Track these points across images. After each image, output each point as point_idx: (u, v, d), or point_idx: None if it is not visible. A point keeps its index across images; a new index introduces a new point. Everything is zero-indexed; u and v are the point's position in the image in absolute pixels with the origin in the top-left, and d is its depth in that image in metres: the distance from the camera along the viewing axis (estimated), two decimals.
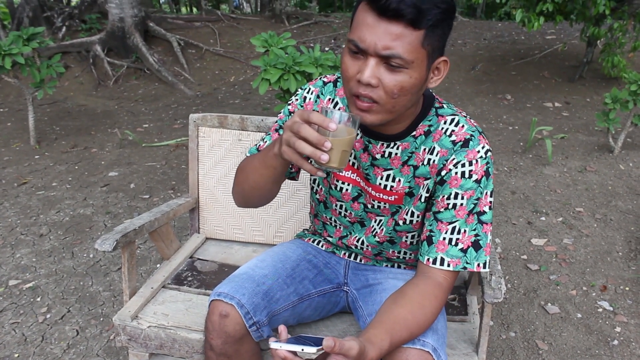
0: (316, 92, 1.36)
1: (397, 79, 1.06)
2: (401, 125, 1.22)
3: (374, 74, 1.06)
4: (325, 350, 0.94)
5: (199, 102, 6.52)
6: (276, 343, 0.98)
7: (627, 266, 2.76)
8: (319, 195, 1.46)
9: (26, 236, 3.12)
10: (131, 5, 7.62)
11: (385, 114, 1.11)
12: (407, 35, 1.02)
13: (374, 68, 1.05)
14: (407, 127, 1.23)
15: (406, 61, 1.04)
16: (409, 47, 1.03)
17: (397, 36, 1.02)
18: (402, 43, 1.03)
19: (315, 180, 1.44)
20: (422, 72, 1.08)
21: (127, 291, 1.65)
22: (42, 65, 4.43)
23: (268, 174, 1.21)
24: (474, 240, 1.18)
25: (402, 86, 1.07)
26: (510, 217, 3.28)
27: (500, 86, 6.38)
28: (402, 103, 1.10)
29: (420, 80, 1.09)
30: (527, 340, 2.25)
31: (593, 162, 4.08)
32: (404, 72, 1.06)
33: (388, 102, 1.09)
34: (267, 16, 10.21)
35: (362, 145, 1.29)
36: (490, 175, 1.19)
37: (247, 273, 1.36)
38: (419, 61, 1.06)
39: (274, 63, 3.07)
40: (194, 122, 1.95)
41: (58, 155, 4.57)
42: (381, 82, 1.06)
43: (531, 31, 6.92)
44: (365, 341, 1.03)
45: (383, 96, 1.08)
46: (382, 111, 1.11)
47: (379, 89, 1.07)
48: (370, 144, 1.27)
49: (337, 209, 1.42)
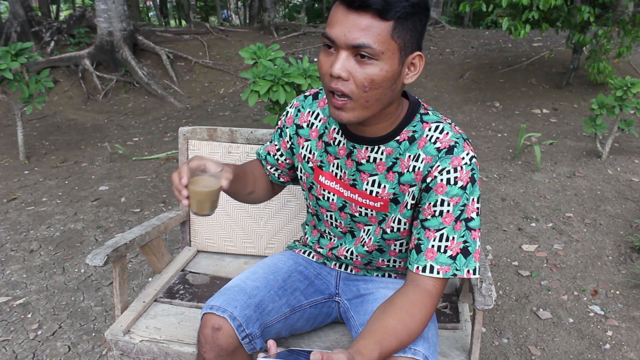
0: (297, 105, 1.42)
1: (367, 71, 1.07)
2: (383, 125, 1.23)
3: (344, 66, 1.08)
4: None
5: (189, 114, 6.53)
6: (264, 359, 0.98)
7: (617, 270, 2.78)
8: (310, 209, 1.48)
9: (16, 252, 3.09)
10: (120, 19, 7.63)
11: (360, 110, 1.13)
12: (375, 26, 1.04)
13: (344, 61, 1.08)
14: (391, 131, 1.23)
15: (376, 52, 1.05)
16: (378, 38, 1.05)
17: (365, 27, 1.04)
18: (371, 33, 1.04)
19: (305, 193, 1.46)
20: (394, 66, 1.09)
21: (119, 306, 1.64)
22: (30, 80, 4.42)
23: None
24: (463, 247, 1.19)
25: (373, 79, 1.08)
26: (501, 224, 3.30)
27: (489, 94, 6.43)
28: (375, 97, 1.11)
29: (392, 73, 1.09)
30: (519, 346, 2.26)
31: (582, 167, 4.12)
32: (374, 64, 1.07)
33: (360, 97, 1.10)
34: (256, 28, 10.26)
35: (345, 151, 1.30)
36: (476, 181, 1.19)
37: (239, 285, 1.36)
38: (390, 53, 1.07)
39: (263, 75, 3.08)
40: (183, 135, 1.95)
41: (48, 170, 4.55)
42: (352, 75, 1.08)
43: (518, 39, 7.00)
44: (355, 352, 1.03)
45: (354, 90, 1.09)
46: (356, 107, 1.12)
47: (350, 83, 1.09)
48: (355, 149, 1.28)
49: (328, 219, 1.43)
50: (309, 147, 1.38)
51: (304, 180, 1.43)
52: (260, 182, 1.49)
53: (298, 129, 1.40)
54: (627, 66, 6.78)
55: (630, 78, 3.91)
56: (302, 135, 1.39)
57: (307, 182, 1.42)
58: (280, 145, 1.45)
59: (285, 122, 1.43)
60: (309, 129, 1.38)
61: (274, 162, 1.48)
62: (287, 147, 1.44)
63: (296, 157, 1.43)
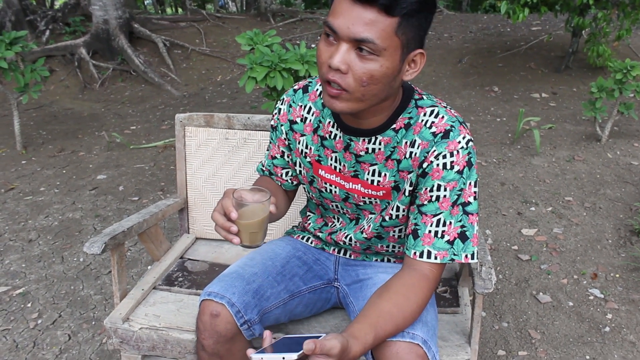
0: (288, 101, 1.39)
1: (367, 66, 1.05)
2: (379, 117, 1.21)
3: (344, 59, 1.05)
4: (306, 353, 0.94)
5: (186, 102, 6.50)
6: (257, 355, 0.98)
7: (616, 253, 2.78)
8: (315, 200, 1.47)
9: (15, 242, 3.09)
10: (115, 7, 7.56)
11: (355, 102, 1.11)
12: (380, 21, 1.02)
13: (344, 54, 1.05)
14: (386, 120, 1.22)
15: (378, 48, 1.03)
16: (382, 34, 1.03)
17: (370, 21, 1.02)
18: (375, 29, 1.02)
19: (307, 186, 1.45)
20: (395, 62, 1.07)
21: (118, 294, 1.64)
22: (26, 69, 4.39)
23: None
24: (461, 232, 1.18)
25: (372, 74, 1.06)
26: (500, 208, 3.29)
27: (487, 78, 6.40)
28: (372, 92, 1.09)
29: (392, 70, 1.08)
30: (519, 330, 2.26)
31: (581, 151, 4.11)
32: (375, 60, 1.05)
33: (357, 90, 1.08)
34: (253, 14, 10.18)
35: (342, 145, 1.28)
36: (472, 165, 1.18)
37: (237, 272, 1.35)
38: (392, 49, 1.05)
39: (260, 61, 3.05)
40: (180, 122, 1.94)
41: (45, 160, 4.53)
42: (351, 69, 1.06)
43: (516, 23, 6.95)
44: (349, 336, 1.03)
45: (352, 83, 1.07)
46: (351, 99, 1.10)
47: (348, 76, 1.07)
48: (352, 142, 1.26)
49: (335, 208, 1.42)
50: (305, 142, 1.37)
51: (304, 175, 1.42)
52: (278, 196, 1.45)
53: (292, 124, 1.38)
54: (626, 49, 6.74)
55: (630, 61, 3.89)
56: (296, 130, 1.38)
57: (307, 176, 1.41)
58: (279, 143, 1.43)
59: (279, 119, 1.41)
60: (303, 123, 1.37)
61: (285, 163, 1.45)
62: (285, 144, 1.42)
63: (294, 152, 1.41)
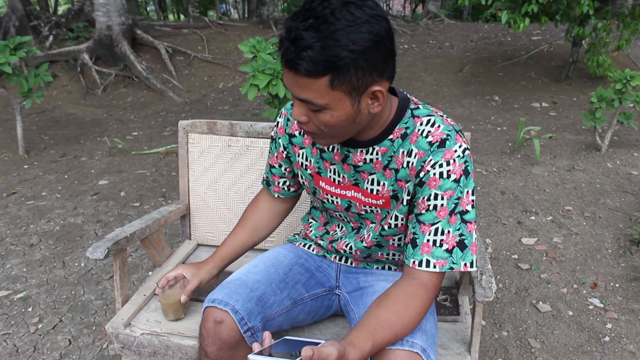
0: (285, 114, 1.43)
1: (320, 118, 1.11)
2: (374, 131, 1.23)
3: (301, 112, 1.12)
4: (303, 359, 0.95)
5: (188, 109, 6.52)
6: (255, 356, 0.99)
7: (616, 263, 2.78)
8: (319, 209, 1.51)
9: (16, 246, 3.10)
10: (118, 13, 7.60)
11: (331, 138, 1.17)
12: (310, 83, 1.04)
13: (299, 108, 1.12)
14: (382, 131, 1.23)
15: (319, 104, 1.07)
16: (318, 93, 1.05)
17: (303, 84, 1.05)
18: (309, 90, 1.05)
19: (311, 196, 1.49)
20: (346, 109, 1.09)
21: (119, 299, 1.64)
22: (29, 74, 4.41)
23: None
24: (459, 240, 1.18)
25: (327, 123, 1.11)
26: (500, 217, 3.30)
27: (488, 87, 6.42)
28: (340, 132, 1.15)
29: (346, 115, 1.10)
30: (519, 339, 2.26)
31: (581, 160, 4.12)
32: (324, 112, 1.09)
33: (325, 133, 1.15)
34: (255, 22, 10.23)
35: (340, 157, 1.30)
36: (470, 173, 1.18)
37: (240, 279, 1.36)
38: (336, 101, 1.07)
39: (262, 69, 3.07)
40: (183, 129, 1.95)
41: (47, 165, 4.54)
42: (310, 119, 1.13)
43: (517, 32, 6.99)
44: (347, 344, 1.04)
45: (316, 129, 1.14)
46: (326, 136, 1.17)
47: (310, 124, 1.14)
48: (350, 153, 1.28)
49: (339, 216, 1.44)
50: (304, 155, 1.39)
51: (307, 186, 1.45)
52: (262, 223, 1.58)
53: (291, 137, 1.41)
54: (626, 59, 6.77)
55: (630, 71, 3.91)
56: (295, 143, 1.40)
57: (310, 187, 1.44)
58: (277, 155, 1.47)
59: (277, 132, 1.45)
60: (302, 136, 1.39)
61: (282, 172, 1.50)
62: (284, 156, 1.45)
63: (294, 165, 1.44)
